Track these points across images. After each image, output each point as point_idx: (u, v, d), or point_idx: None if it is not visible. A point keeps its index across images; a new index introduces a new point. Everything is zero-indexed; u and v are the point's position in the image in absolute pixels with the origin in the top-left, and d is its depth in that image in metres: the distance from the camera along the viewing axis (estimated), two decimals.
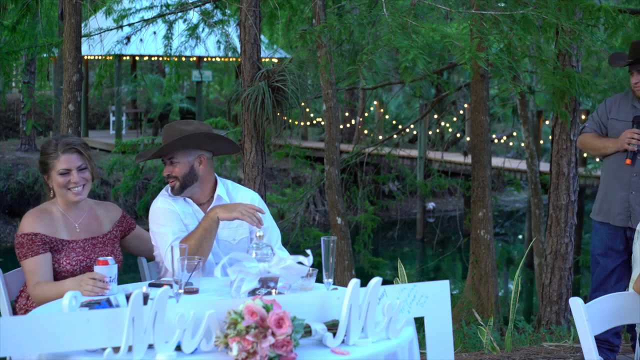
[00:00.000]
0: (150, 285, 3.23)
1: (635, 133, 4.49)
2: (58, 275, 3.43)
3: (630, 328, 4.71)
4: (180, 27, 9.19)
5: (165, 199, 3.63)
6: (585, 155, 14.64)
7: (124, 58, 21.11)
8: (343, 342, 2.53)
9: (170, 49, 8.79)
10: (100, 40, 7.91)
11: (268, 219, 3.73)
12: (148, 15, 8.79)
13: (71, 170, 3.46)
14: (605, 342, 4.69)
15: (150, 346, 2.34)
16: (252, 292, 2.87)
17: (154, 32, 10.00)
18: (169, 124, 3.67)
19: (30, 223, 3.45)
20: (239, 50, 5.51)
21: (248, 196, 3.78)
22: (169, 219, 3.56)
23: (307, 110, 20.19)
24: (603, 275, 4.73)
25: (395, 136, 13.81)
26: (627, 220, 4.58)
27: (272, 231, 3.70)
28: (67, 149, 3.46)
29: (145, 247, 3.78)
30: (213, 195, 3.70)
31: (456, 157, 18.00)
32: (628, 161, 4.52)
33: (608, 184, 4.67)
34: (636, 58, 4.49)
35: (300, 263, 2.95)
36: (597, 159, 14.23)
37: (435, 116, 18.25)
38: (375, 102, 20.25)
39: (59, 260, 3.44)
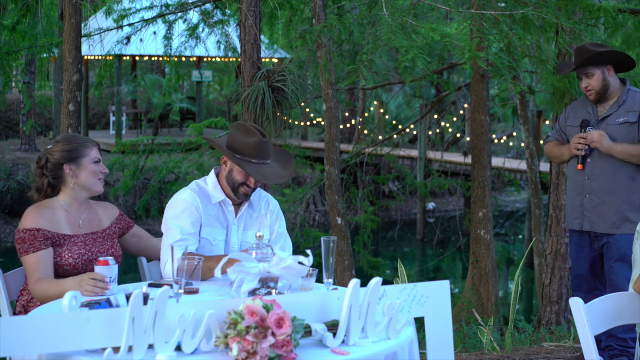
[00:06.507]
0: (150, 285, 3.22)
1: (581, 137, 4.48)
2: (60, 269, 3.45)
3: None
4: (180, 27, 9.19)
5: (194, 194, 3.58)
6: None
7: (124, 58, 21.10)
8: (343, 342, 2.53)
9: (170, 49, 8.79)
10: (100, 40, 7.91)
11: (282, 228, 3.72)
12: (148, 15, 8.79)
13: (101, 161, 3.63)
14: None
15: (150, 346, 2.34)
16: (252, 292, 2.87)
17: (154, 32, 10.00)
18: (268, 143, 3.55)
19: (32, 218, 3.46)
20: (239, 50, 5.51)
21: (271, 202, 3.76)
22: (186, 214, 3.52)
23: (307, 110, 20.20)
24: (578, 281, 4.72)
25: (395, 136, 13.80)
26: (581, 224, 4.58)
27: (285, 239, 3.70)
28: (95, 143, 3.67)
29: (144, 246, 3.78)
30: None
31: (456, 157, 17.98)
32: (579, 166, 4.53)
33: (568, 190, 4.72)
34: (580, 62, 4.48)
35: (300, 263, 2.95)
36: None
37: (435, 116, 18.25)
38: (375, 102, 20.26)
39: (61, 254, 3.45)
